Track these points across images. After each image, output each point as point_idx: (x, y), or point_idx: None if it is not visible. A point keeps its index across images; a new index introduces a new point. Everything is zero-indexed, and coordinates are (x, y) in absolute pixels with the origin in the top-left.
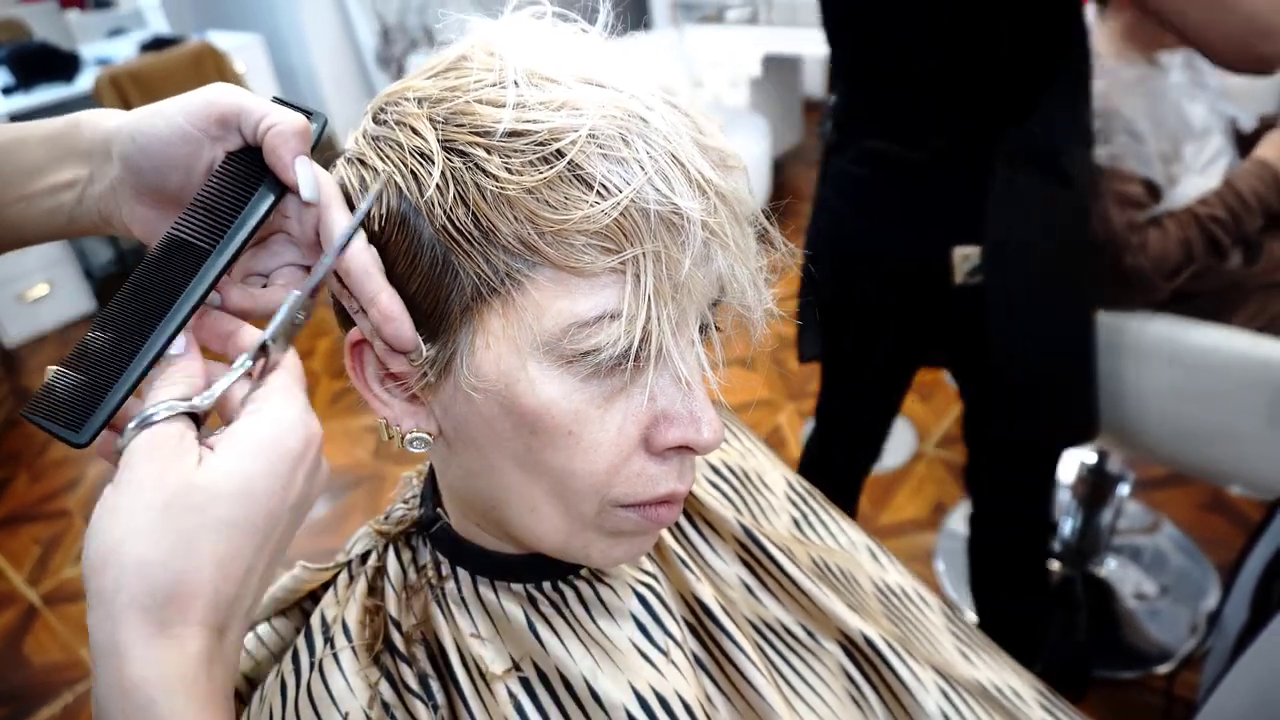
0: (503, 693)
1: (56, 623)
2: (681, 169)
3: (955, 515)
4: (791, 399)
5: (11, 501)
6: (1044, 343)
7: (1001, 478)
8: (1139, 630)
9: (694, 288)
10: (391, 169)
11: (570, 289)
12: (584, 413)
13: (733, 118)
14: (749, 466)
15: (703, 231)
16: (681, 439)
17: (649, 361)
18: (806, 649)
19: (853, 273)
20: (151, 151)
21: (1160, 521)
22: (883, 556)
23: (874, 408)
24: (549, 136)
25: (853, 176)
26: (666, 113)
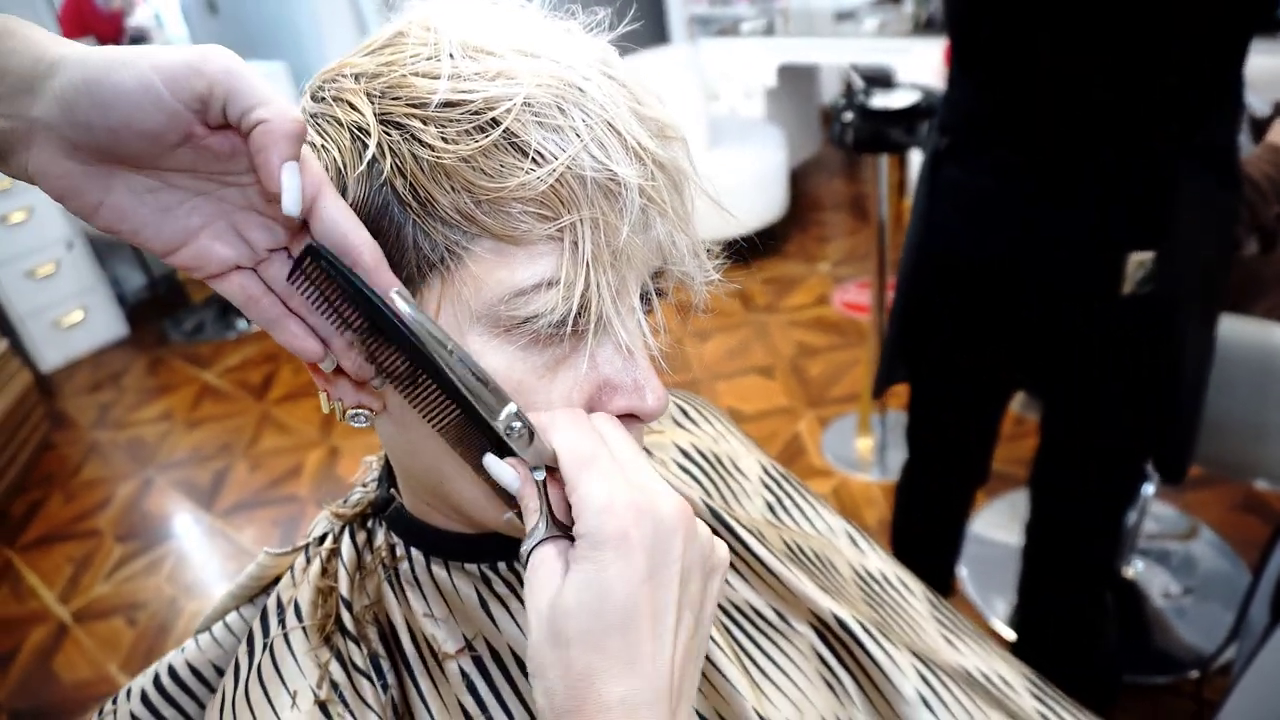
0: (455, 672)
1: (86, 640)
2: (618, 137)
3: (979, 520)
4: (811, 406)
5: (45, 522)
6: (1194, 354)
7: (1095, 490)
8: (1170, 634)
9: (633, 255)
10: (329, 144)
11: (508, 258)
12: (527, 383)
13: (749, 129)
14: (721, 451)
15: (640, 198)
16: (626, 407)
17: (588, 329)
18: (778, 631)
19: (968, 288)
20: (111, 109)
21: (1198, 527)
22: (863, 542)
23: (979, 431)
24: (484, 105)
25: (976, 189)
26: (603, 83)
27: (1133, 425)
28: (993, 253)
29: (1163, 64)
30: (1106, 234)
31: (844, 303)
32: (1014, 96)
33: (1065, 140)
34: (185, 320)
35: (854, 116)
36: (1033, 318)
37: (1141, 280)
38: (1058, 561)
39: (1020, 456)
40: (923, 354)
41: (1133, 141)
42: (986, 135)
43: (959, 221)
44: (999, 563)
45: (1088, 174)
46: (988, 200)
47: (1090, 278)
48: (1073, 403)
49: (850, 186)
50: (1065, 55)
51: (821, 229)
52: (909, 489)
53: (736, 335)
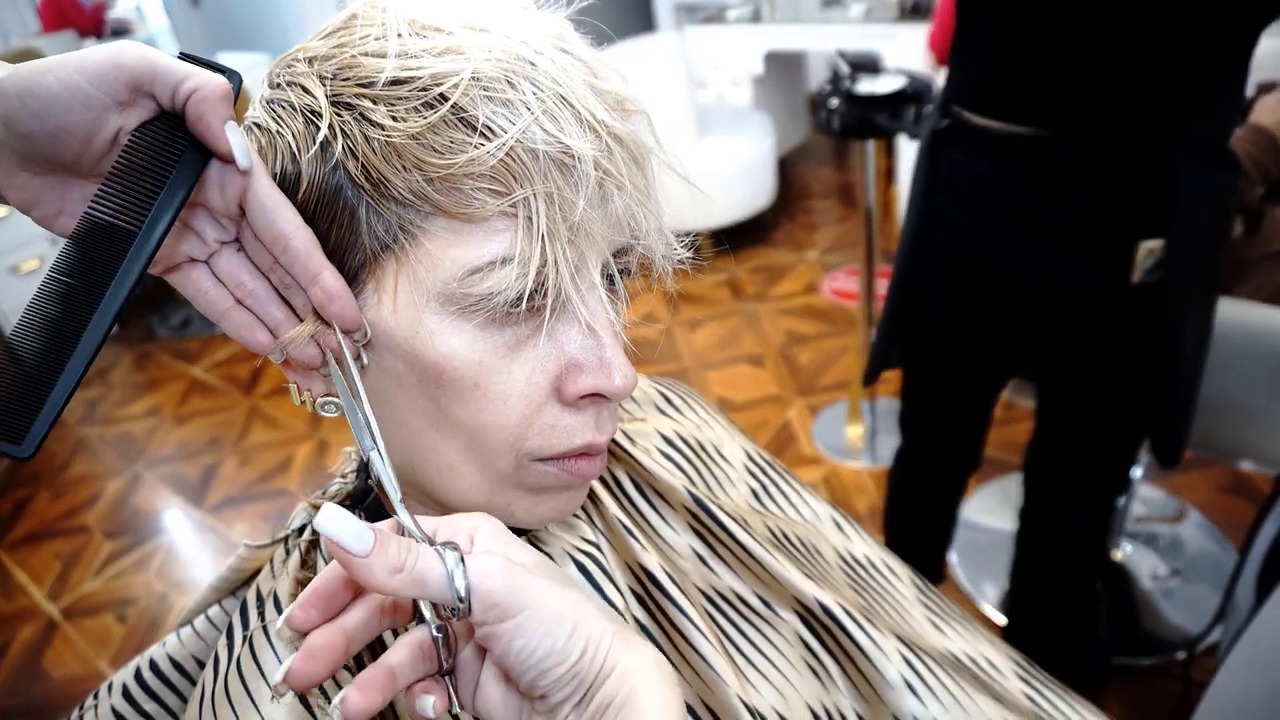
0: None
1: (76, 636)
2: (571, 110)
3: (969, 506)
4: (801, 394)
5: (33, 519)
6: (1196, 340)
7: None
8: (1158, 616)
9: (591, 230)
10: (284, 129)
11: (464, 236)
12: (488, 363)
13: (737, 117)
14: (704, 438)
15: (596, 172)
16: (593, 386)
17: (546, 306)
18: (761, 618)
19: (968, 274)
20: (45, 116)
21: (1185, 509)
22: (849, 527)
23: (973, 417)
24: (431, 82)
25: (978, 173)
26: (556, 56)
27: (1132, 411)
28: (994, 239)
29: (1175, 46)
30: (1116, 223)
31: (833, 290)
32: (1021, 74)
33: (1072, 121)
34: (172, 315)
35: (840, 102)
36: (1035, 304)
37: (1151, 269)
38: (1052, 547)
39: (1010, 442)
40: (918, 339)
41: (1141, 126)
42: (990, 116)
43: (960, 207)
44: (989, 548)
45: (1094, 160)
46: (990, 185)
47: (1098, 266)
48: (1072, 389)
49: (838, 174)
50: (1076, 30)
51: (810, 217)
52: (902, 474)
53: (726, 324)
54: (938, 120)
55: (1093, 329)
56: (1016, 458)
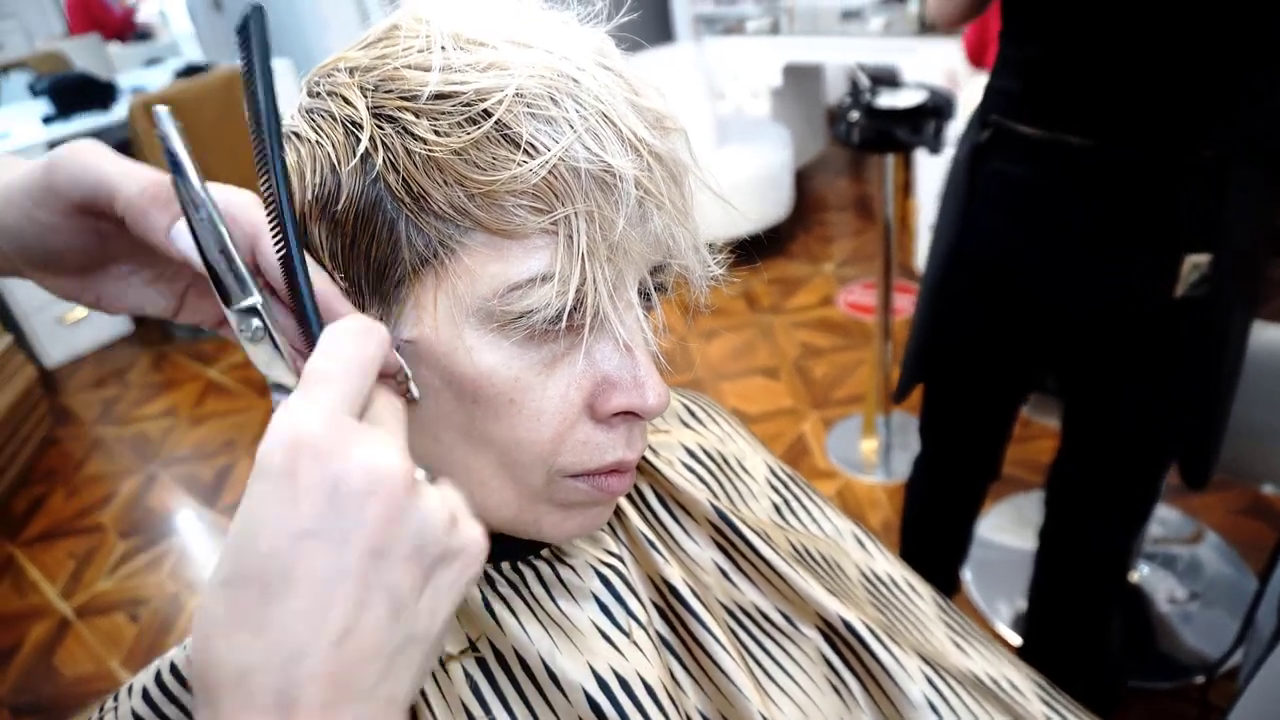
0: (459, 673)
1: (88, 635)
2: (613, 128)
3: (985, 523)
4: (815, 407)
5: (48, 517)
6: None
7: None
8: (1175, 639)
9: (630, 249)
10: (324, 140)
11: (503, 252)
12: (525, 380)
13: (754, 128)
14: (728, 451)
15: (636, 190)
16: (626, 404)
17: (585, 324)
18: (784, 634)
19: (1005, 285)
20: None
21: (1203, 532)
22: (870, 544)
23: (996, 427)
24: (475, 97)
25: (1021, 181)
26: (598, 73)
27: (1165, 429)
28: (1032, 245)
29: (1225, 48)
30: (1161, 235)
31: (849, 303)
32: (1068, 79)
33: (1117, 125)
34: None
35: (860, 115)
36: (1069, 315)
37: (1195, 283)
38: (1073, 567)
39: (1028, 459)
40: (947, 350)
41: (1189, 132)
42: (1035, 124)
43: (1001, 216)
44: (1004, 566)
45: (1140, 166)
46: (1033, 192)
47: (1141, 279)
48: (1104, 405)
49: (855, 187)
50: (1126, 34)
51: (826, 229)
52: (920, 484)
53: (741, 336)
54: (978, 133)
55: (1128, 342)
56: (1033, 475)
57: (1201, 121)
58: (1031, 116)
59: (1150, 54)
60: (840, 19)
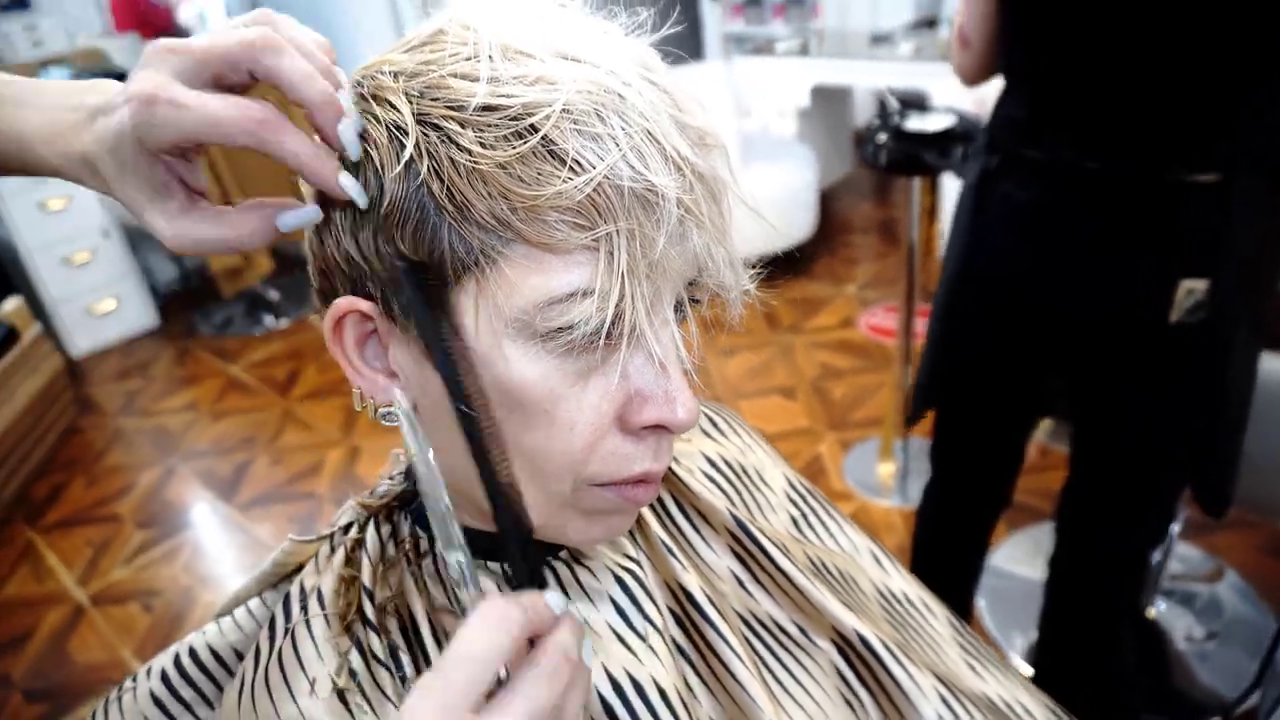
0: None
1: (102, 623)
2: (657, 146)
3: (999, 553)
4: (833, 429)
5: (67, 505)
6: (1239, 381)
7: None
8: (1191, 677)
9: (669, 266)
10: (368, 143)
11: (543, 266)
12: (559, 391)
13: (780, 148)
14: (748, 462)
15: (678, 209)
16: (657, 418)
17: (622, 339)
18: (798, 646)
19: (1011, 307)
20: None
21: (1224, 570)
22: (887, 562)
23: (1006, 453)
24: (522, 111)
25: (1027, 202)
26: (644, 89)
27: (1170, 456)
28: (1040, 269)
29: (1226, 65)
30: (1156, 261)
31: (870, 326)
32: (1072, 107)
33: (1123, 149)
34: (215, 314)
35: (888, 138)
36: (1076, 342)
37: (1191, 309)
38: (1082, 596)
39: (1045, 489)
40: (957, 372)
41: (1192, 149)
42: (1041, 151)
43: (1007, 236)
44: (1019, 597)
45: (1142, 193)
46: (1039, 214)
47: (1138, 303)
48: (1109, 430)
49: (880, 210)
50: (1126, 63)
51: (849, 251)
52: (931, 510)
53: (760, 354)
54: (986, 159)
55: (1132, 361)
56: (1050, 505)
57: (1203, 137)
58: (1037, 141)
59: (1151, 75)
60: (870, 42)
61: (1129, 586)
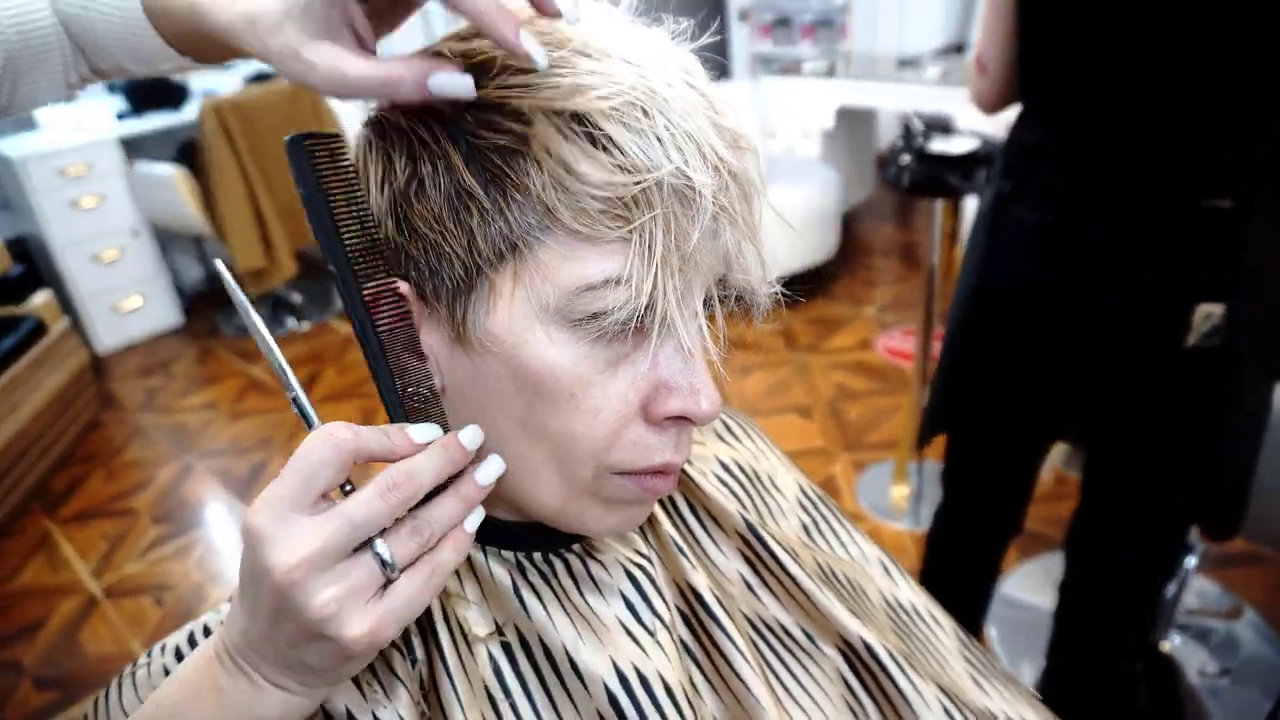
0: (483, 655)
1: (114, 615)
2: (696, 145)
3: (1010, 581)
4: (847, 450)
5: (85, 497)
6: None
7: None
8: (1203, 714)
9: (700, 260)
10: (416, 124)
11: (579, 252)
12: (587, 377)
13: (804, 168)
14: (760, 468)
15: (713, 206)
16: (680, 409)
17: (653, 329)
18: (804, 651)
19: (1024, 329)
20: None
21: (1242, 607)
22: (895, 572)
23: (1018, 479)
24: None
25: (1041, 226)
26: (685, 91)
27: (1182, 482)
28: (1054, 292)
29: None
30: (1173, 284)
31: (888, 348)
32: (1086, 133)
33: (1136, 177)
34: (237, 314)
35: (911, 159)
36: (1088, 364)
37: (1208, 333)
38: (1091, 625)
39: (1058, 517)
40: (969, 395)
41: (1207, 182)
42: (1054, 175)
43: (1021, 260)
44: (1030, 626)
45: (1158, 216)
46: (1053, 237)
47: (1153, 327)
48: (1120, 453)
49: (901, 233)
50: (1140, 89)
51: (869, 273)
52: (941, 534)
53: (777, 372)
54: (1001, 183)
55: (1145, 390)
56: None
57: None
58: (1051, 165)
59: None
60: (897, 66)
61: (1139, 616)
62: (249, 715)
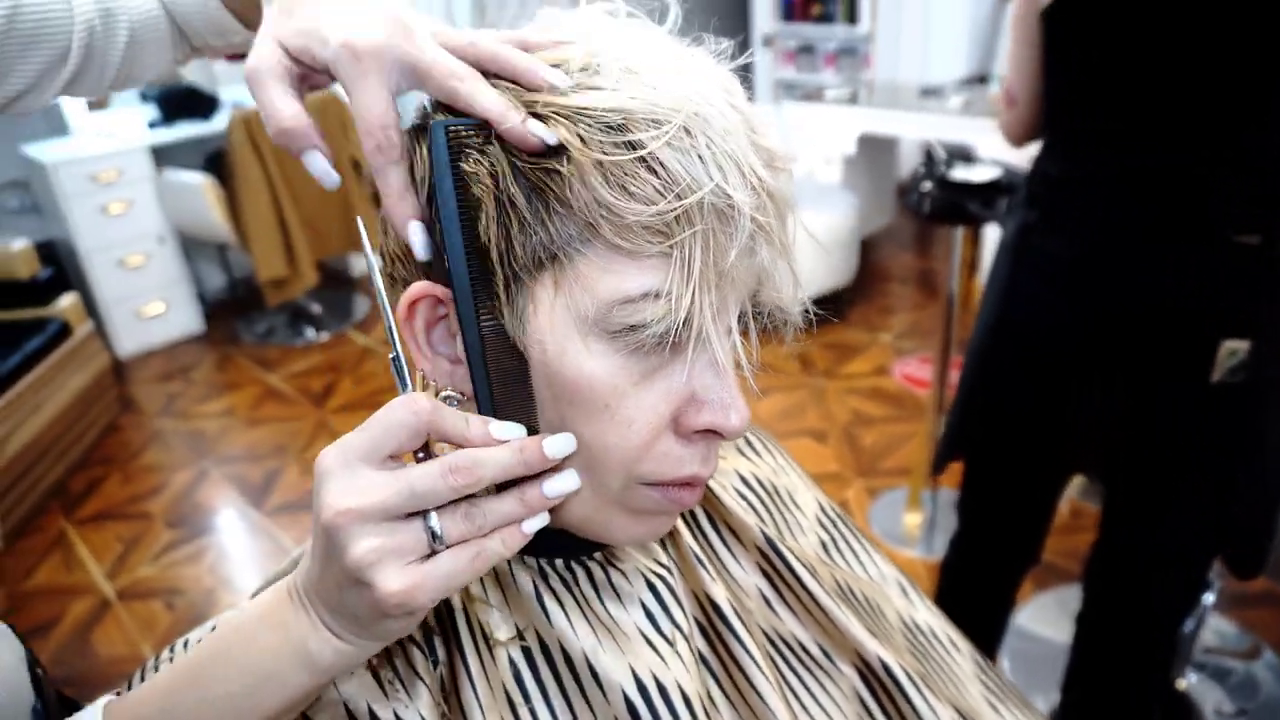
0: (504, 659)
1: (126, 618)
2: (736, 165)
3: (1025, 613)
4: (861, 475)
5: (102, 499)
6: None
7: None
8: None
9: (737, 277)
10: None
11: (618, 267)
12: (622, 388)
13: (824, 193)
14: (780, 484)
15: (750, 225)
16: (710, 423)
17: (689, 343)
18: (821, 669)
19: (1047, 362)
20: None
21: (1261, 648)
22: (913, 594)
23: (1036, 509)
24: (624, 121)
25: (1067, 258)
26: (726, 110)
27: (1204, 518)
28: (1078, 325)
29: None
30: (1199, 319)
31: (904, 375)
32: (1114, 165)
33: (1164, 211)
34: (258, 323)
35: (933, 186)
36: (1111, 397)
37: (1233, 369)
38: (1109, 659)
39: (1074, 549)
40: (988, 424)
41: (1237, 218)
42: (1081, 206)
43: (1046, 292)
44: (1044, 660)
45: (1185, 251)
46: (1078, 270)
47: (1178, 361)
48: (1144, 489)
49: (920, 261)
50: (1174, 124)
51: (887, 300)
52: (956, 563)
53: (793, 396)
54: (1025, 213)
55: (1168, 425)
56: (1078, 567)
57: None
58: (1076, 201)
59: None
60: (919, 95)
61: (1158, 651)
62: (303, 651)
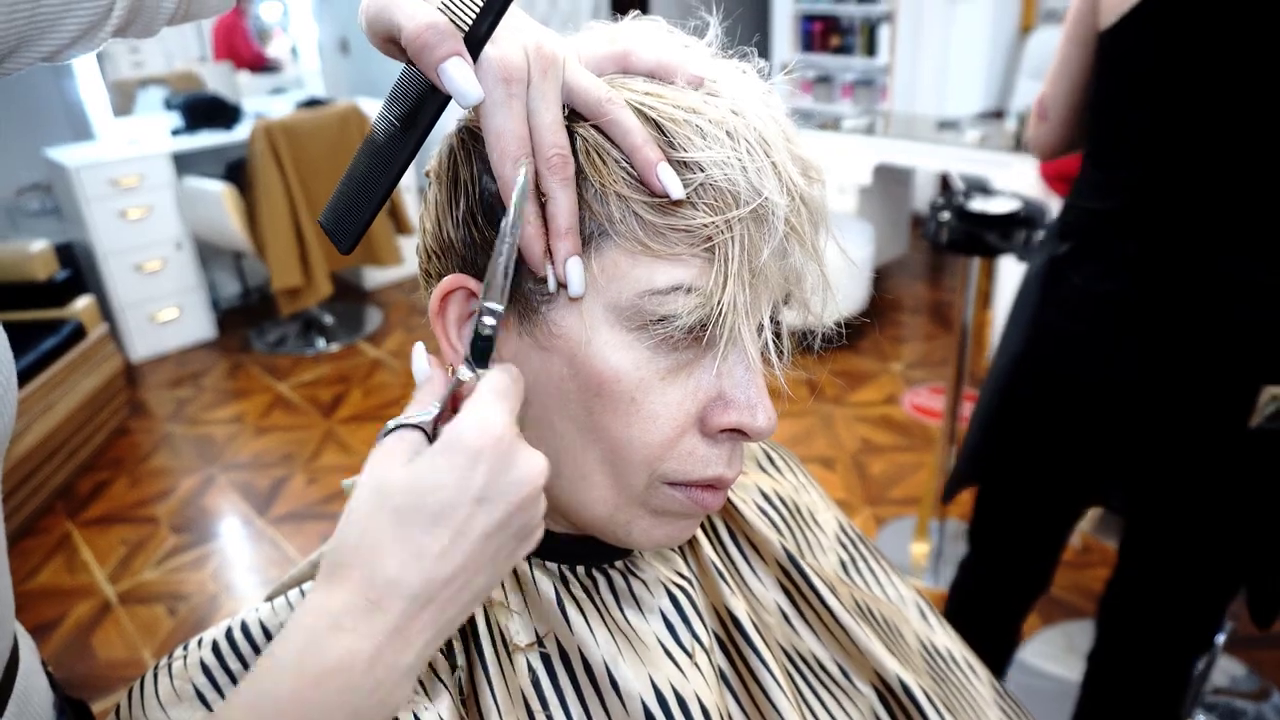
0: (523, 665)
1: (127, 621)
2: (774, 169)
3: (1030, 648)
4: (869, 503)
5: (108, 502)
6: None
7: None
8: None
9: (770, 275)
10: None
11: (649, 261)
12: (649, 382)
13: (838, 222)
14: (801, 501)
15: (784, 226)
16: (736, 422)
17: (720, 339)
18: (839, 687)
19: (1073, 401)
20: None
21: (1270, 690)
22: (932, 617)
23: (1049, 540)
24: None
25: (1099, 296)
26: (767, 120)
27: (1228, 560)
28: (1109, 366)
29: None
30: (1242, 363)
31: (914, 405)
32: (1156, 199)
33: (1205, 249)
34: (270, 332)
35: (950, 216)
36: (1143, 434)
37: (1272, 415)
38: (1120, 696)
39: (1082, 585)
40: (1005, 459)
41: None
42: (1117, 241)
43: (1076, 330)
44: (1049, 696)
45: (1233, 293)
46: (1111, 310)
47: (1215, 406)
48: (1170, 528)
49: (932, 292)
50: (1220, 157)
51: (898, 329)
52: (965, 589)
53: (801, 422)
54: (1055, 247)
55: (1201, 468)
56: (1086, 603)
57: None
58: (1111, 236)
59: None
60: (936, 127)
61: (1169, 689)
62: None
